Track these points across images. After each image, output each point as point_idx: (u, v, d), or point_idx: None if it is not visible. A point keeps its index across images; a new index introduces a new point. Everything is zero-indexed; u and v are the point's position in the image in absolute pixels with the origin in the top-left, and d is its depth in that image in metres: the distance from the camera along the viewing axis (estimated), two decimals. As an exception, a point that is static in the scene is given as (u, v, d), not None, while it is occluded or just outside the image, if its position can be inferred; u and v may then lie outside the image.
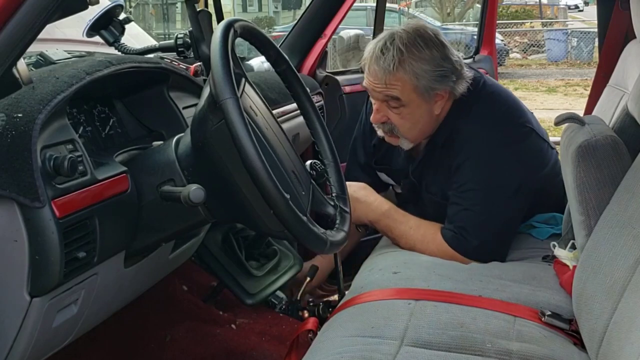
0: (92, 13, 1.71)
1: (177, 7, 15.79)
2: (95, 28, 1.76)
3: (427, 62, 1.80)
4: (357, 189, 1.98)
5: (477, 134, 1.85)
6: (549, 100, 10.70)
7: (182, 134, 1.44)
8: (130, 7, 14.21)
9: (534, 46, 16.10)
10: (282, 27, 15.96)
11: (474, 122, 1.86)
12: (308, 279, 2.11)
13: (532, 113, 2.01)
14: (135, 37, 2.26)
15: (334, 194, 1.57)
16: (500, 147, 1.84)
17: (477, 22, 3.51)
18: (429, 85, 1.81)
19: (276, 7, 21.75)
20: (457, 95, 1.86)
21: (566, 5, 21.03)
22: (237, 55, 1.41)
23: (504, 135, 1.86)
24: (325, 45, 2.68)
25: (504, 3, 18.23)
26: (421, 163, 1.98)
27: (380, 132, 1.95)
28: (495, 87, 1.96)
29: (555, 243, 1.77)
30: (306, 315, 2.08)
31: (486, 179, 1.83)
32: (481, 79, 1.95)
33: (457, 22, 16.44)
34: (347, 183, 1.97)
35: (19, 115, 1.16)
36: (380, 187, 2.14)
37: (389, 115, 1.87)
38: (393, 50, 1.79)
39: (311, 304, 2.13)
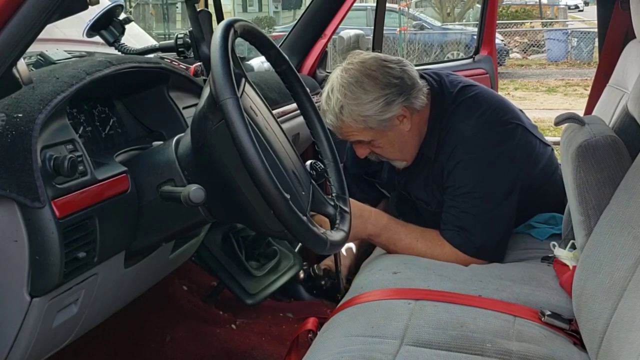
0: (92, 13, 1.71)
1: (177, 7, 15.76)
2: (95, 28, 1.76)
3: (365, 102, 1.79)
4: None
5: (465, 138, 1.84)
6: (549, 100, 10.69)
7: (182, 134, 1.44)
8: (130, 7, 14.20)
9: (534, 46, 16.08)
10: (282, 27, 15.94)
11: (459, 126, 1.86)
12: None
13: (520, 110, 2.00)
14: (135, 37, 2.26)
15: (334, 194, 1.57)
16: (490, 148, 1.84)
17: (477, 22, 3.50)
18: (377, 119, 1.81)
19: (276, 7, 21.72)
20: (418, 107, 1.84)
21: (566, 5, 21.01)
22: (237, 55, 1.41)
23: (492, 135, 1.85)
24: (325, 45, 2.68)
25: (504, 3, 18.21)
26: (406, 174, 1.98)
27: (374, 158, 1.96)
28: (477, 88, 1.94)
29: (555, 243, 1.77)
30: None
31: (480, 180, 1.83)
32: (460, 83, 1.94)
33: (457, 22, 16.41)
34: None
35: (19, 115, 1.16)
36: (375, 202, 2.14)
37: (368, 148, 1.90)
38: (333, 101, 1.82)
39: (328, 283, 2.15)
